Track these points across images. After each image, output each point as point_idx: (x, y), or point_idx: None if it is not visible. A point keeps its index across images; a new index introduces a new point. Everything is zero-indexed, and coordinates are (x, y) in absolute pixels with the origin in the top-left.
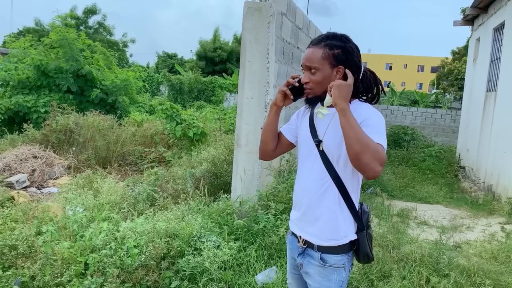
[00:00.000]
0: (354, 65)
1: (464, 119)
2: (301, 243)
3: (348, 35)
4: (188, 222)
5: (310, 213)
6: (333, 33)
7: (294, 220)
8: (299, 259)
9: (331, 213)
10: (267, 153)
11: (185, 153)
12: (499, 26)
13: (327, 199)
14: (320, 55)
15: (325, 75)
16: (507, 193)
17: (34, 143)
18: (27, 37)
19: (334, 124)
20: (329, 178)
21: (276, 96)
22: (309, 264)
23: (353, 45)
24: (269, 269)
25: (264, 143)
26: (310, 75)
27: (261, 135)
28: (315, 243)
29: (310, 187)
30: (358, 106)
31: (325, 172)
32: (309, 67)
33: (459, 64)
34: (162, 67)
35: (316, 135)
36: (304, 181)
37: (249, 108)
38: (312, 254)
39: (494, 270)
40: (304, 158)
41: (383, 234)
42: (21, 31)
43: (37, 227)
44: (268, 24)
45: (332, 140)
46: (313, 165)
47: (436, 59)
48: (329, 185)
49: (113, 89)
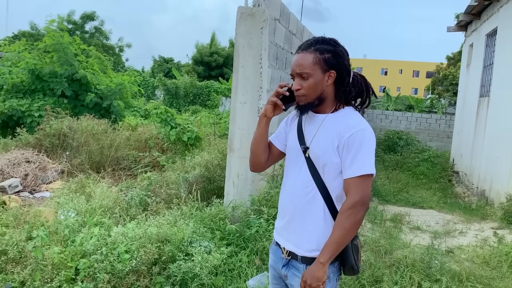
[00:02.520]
0: (345, 68)
1: (458, 124)
2: (285, 255)
3: (343, 40)
4: (180, 227)
5: (294, 222)
6: (322, 37)
7: (278, 229)
8: (283, 270)
9: (315, 222)
10: (259, 165)
11: (179, 157)
12: (492, 32)
13: (312, 207)
14: (311, 60)
15: (317, 80)
16: (499, 198)
17: (27, 147)
18: (21, 41)
19: (322, 131)
20: (315, 186)
21: (266, 108)
22: (294, 276)
23: (342, 49)
24: (261, 275)
25: (255, 155)
26: (301, 82)
27: (252, 148)
28: (299, 253)
29: (295, 194)
30: (349, 115)
31: (311, 180)
32: (300, 74)
33: (454, 69)
34: (157, 71)
35: (304, 142)
36: (290, 188)
37: (242, 112)
38: (296, 266)
39: (486, 275)
40: (291, 165)
41: (375, 239)
42: (16, 34)
43: (27, 232)
44: (261, 29)
45: (318, 147)
46: (299, 172)
47: (431, 64)
48: (315, 193)
49: (107, 93)
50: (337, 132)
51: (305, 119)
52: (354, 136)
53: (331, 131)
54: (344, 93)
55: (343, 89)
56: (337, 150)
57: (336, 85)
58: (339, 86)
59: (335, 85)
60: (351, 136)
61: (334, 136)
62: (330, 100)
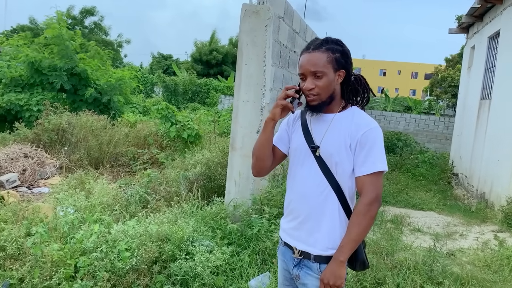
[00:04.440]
0: (351, 68)
1: (458, 126)
2: (297, 254)
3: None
4: (181, 225)
5: (309, 222)
6: (330, 37)
7: (287, 229)
8: (294, 270)
9: (331, 221)
10: (264, 170)
11: (178, 155)
12: (494, 34)
13: (327, 206)
14: (325, 59)
15: (330, 79)
16: (500, 201)
17: (25, 142)
18: (20, 35)
19: (333, 130)
20: (328, 184)
21: (274, 111)
22: (307, 275)
23: (347, 49)
24: (263, 275)
25: (260, 160)
26: (315, 81)
27: (256, 153)
28: (313, 253)
29: (309, 194)
30: (358, 114)
31: (324, 179)
32: (314, 72)
33: (452, 71)
34: (156, 68)
35: (312, 141)
36: (300, 189)
37: (244, 111)
38: (309, 265)
39: (488, 278)
40: (298, 165)
41: (377, 240)
42: (15, 28)
43: (26, 228)
44: (266, 27)
45: (331, 146)
46: (309, 172)
47: (429, 66)
48: (329, 192)
49: (107, 89)
50: (349, 131)
51: (311, 119)
52: (367, 134)
53: (343, 130)
54: (351, 92)
55: (350, 88)
56: (350, 148)
57: (343, 85)
58: (346, 85)
59: (341, 85)
60: (364, 134)
61: (347, 135)
62: (337, 99)
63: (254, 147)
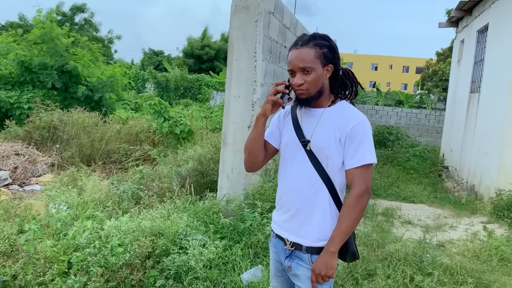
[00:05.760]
0: (338, 62)
1: (448, 120)
2: (289, 246)
3: (333, 35)
4: (174, 220)
5: (300, 215)
6: (317, 33)
7: (279, 222)
8: (286, 262)
9: (322, 213)
10: (257, 165)
11: (171, 151)
12: (483, 28)
13: (318, 199)
14: (313, 55)
15: (319, 74)
16: (489, 193)
17: (16, 140)
18: (9, 32)
19: (323, 124)
20: (319, 178)
21: (265, 107)
22: (298, 266)
23: (334, 44)
24: (255, 268)
25: (253, 156)
26: (304, 76)
27: (249, 148)
28: (304, 244)
29: (300, 188)
30: (347, 108)
31: (314, 172)
32: (303, 68)
33: (443, 65)
34: (148, 64)
35: (303, 136)
36: (291, 182)
37: (236, 106)
38: (301, 256)
39: (476, 268)
40: (289, 159)
41: (368, 233)
42: (4, 25)
43: (19, 225)
44: (256, 22)
45: (321, 139)
46: (300, 166)
47: (421, 60)
48: (320, 185)
49: (98, 86)
50: (339, 125)
51: (301, 114)
52: (356, 128)
53: (332, 124)
54: (340, 86)
55: (338, 82)
56: (339, 142)
57: (331, 79)
58: (334, 79)
59: (330, 79)
60: (353, 128)
61: (336, 129)
62: (326, 93)
63: (246, 143)
